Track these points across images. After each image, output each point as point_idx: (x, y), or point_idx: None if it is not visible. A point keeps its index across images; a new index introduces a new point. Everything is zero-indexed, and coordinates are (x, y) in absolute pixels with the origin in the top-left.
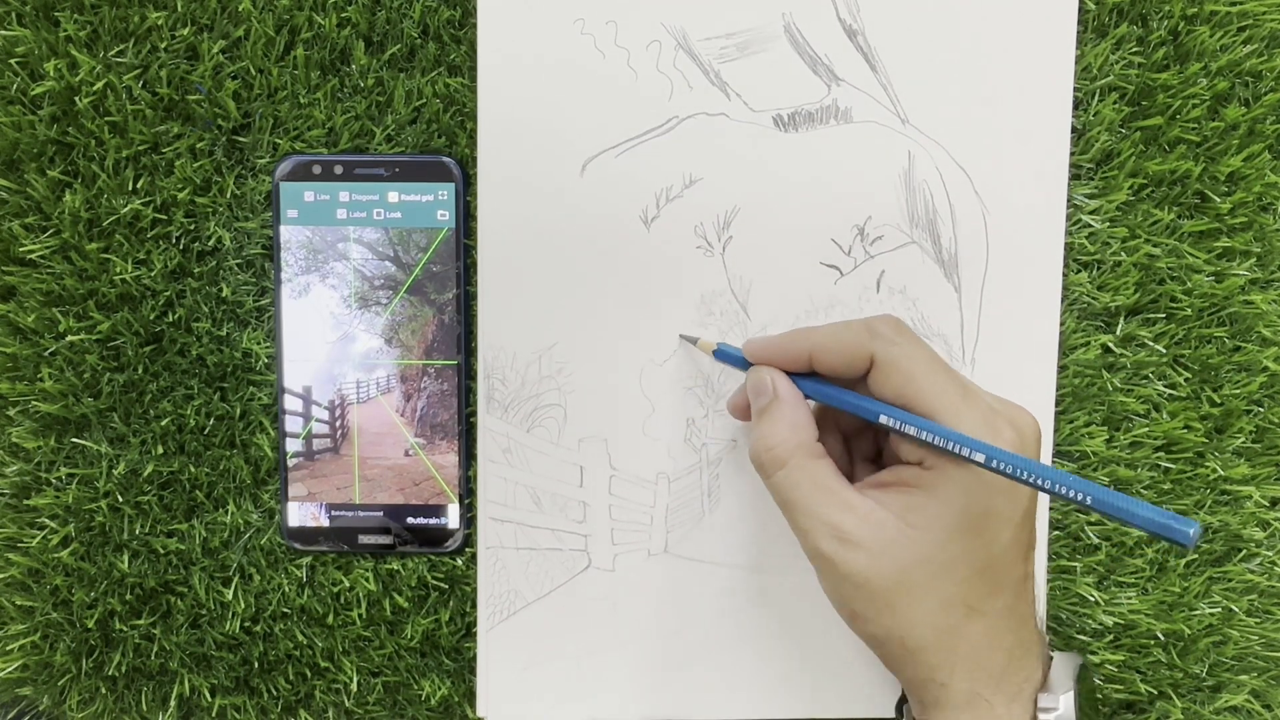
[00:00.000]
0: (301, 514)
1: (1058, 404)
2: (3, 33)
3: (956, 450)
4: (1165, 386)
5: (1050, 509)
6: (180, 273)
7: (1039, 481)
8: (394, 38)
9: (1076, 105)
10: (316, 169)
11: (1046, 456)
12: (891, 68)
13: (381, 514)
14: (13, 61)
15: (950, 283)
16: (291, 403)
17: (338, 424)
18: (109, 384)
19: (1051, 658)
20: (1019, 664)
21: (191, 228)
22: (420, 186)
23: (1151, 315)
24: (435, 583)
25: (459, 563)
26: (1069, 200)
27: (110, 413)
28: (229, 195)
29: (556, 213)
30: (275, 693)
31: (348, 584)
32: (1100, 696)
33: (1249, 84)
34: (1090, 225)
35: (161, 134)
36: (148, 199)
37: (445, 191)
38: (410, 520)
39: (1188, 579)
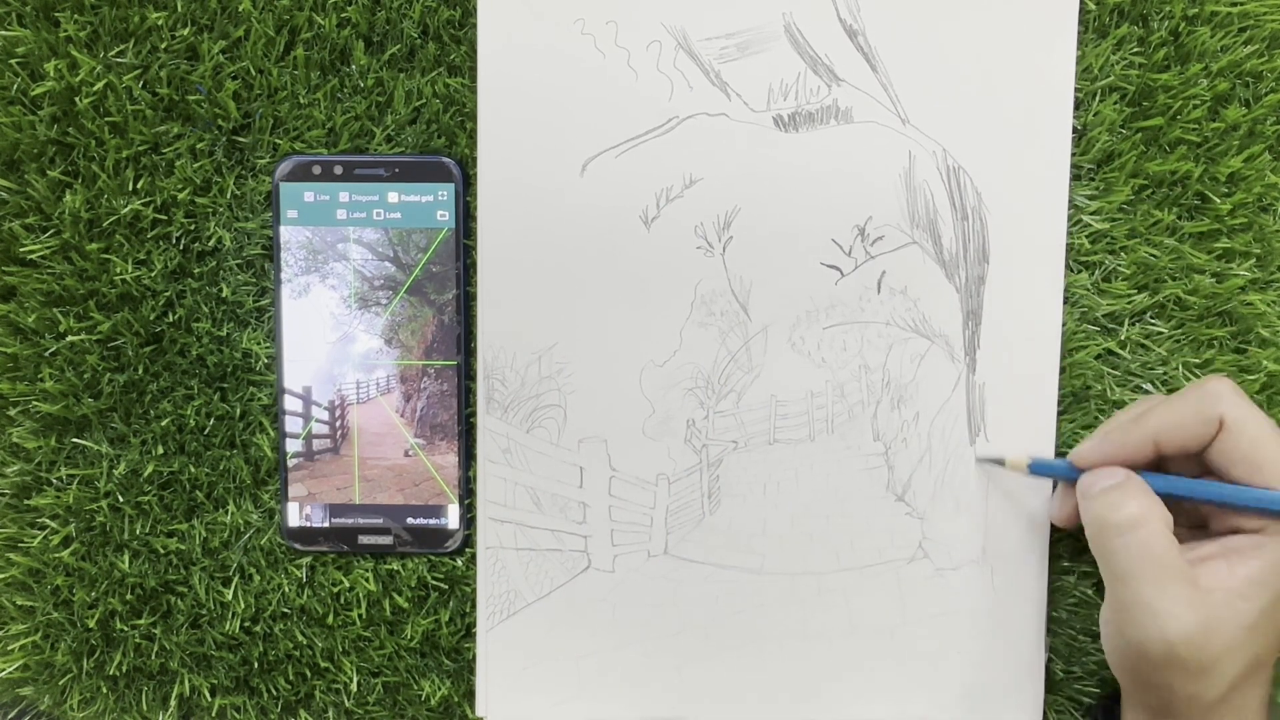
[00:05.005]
0: (301, 514)
1: (1058, 405)
2: (3, 33)
3: None
4: (1166, 388)
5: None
6: (180, 273)
7: None
8: (394, 38)
9: (1077, 105)
10: (316, 169)
11: (1050, 456)
12: (891, 68)
13: (381, 514)
14: (13, 61)
15: (951, 283)
16: (291, 403)
17: (338, 424)
18: (109, 384)
19: None
20: (1266, 702)
21: (191, 228)
22: (420, 187)
23: (1152, 316)
24: (435, 583)
25: (459, 563)
26: (1069, 200)
27: (110, 413)
28: (229, 195)
29: (556, 213)
30: (275, 693)
31: (348, 584)
32: None
33: (1249, 84)
34: (1091, 225)
35: (161, 134)
36: (148, 199)
37: (445, 192)
38: (410, 520)
39: None
